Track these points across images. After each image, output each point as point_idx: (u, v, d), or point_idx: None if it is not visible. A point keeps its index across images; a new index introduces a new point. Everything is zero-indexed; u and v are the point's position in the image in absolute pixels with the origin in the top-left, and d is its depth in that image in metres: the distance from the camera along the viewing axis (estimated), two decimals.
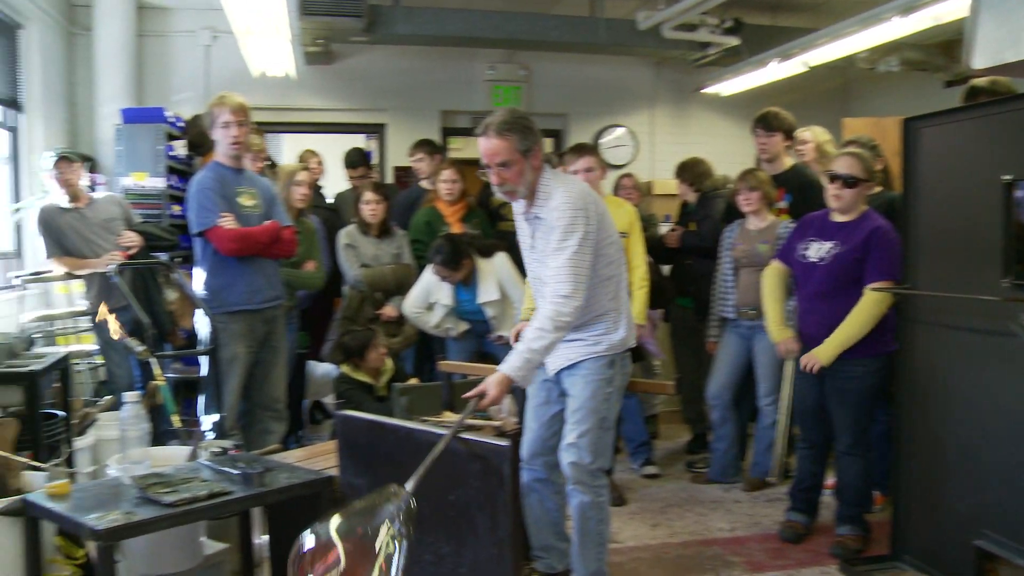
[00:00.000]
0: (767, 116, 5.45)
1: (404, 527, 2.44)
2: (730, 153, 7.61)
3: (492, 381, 3.22)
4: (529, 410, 3.75)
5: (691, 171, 6.08)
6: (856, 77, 8.48)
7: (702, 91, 7.91)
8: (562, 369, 3.59)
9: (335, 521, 2.45)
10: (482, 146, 3.34)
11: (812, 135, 5.71)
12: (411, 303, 5.46)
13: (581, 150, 4.96)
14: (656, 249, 5.91)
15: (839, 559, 4.25)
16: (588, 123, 8.40)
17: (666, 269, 6.19)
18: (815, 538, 4.57)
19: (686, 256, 5.98)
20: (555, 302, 3.31)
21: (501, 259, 5.45)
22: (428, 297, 5.41)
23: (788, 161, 5.51)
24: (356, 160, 6.96)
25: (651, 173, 8.22)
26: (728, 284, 5.32)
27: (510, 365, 3.25)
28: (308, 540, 2.42)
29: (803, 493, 4.65)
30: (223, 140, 4.65)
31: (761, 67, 6.83)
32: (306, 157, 6.65)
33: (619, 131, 8.42)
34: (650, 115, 8.54)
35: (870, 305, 4.16)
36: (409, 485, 2.65)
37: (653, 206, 7.53)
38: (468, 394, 3.24)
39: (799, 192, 5.35)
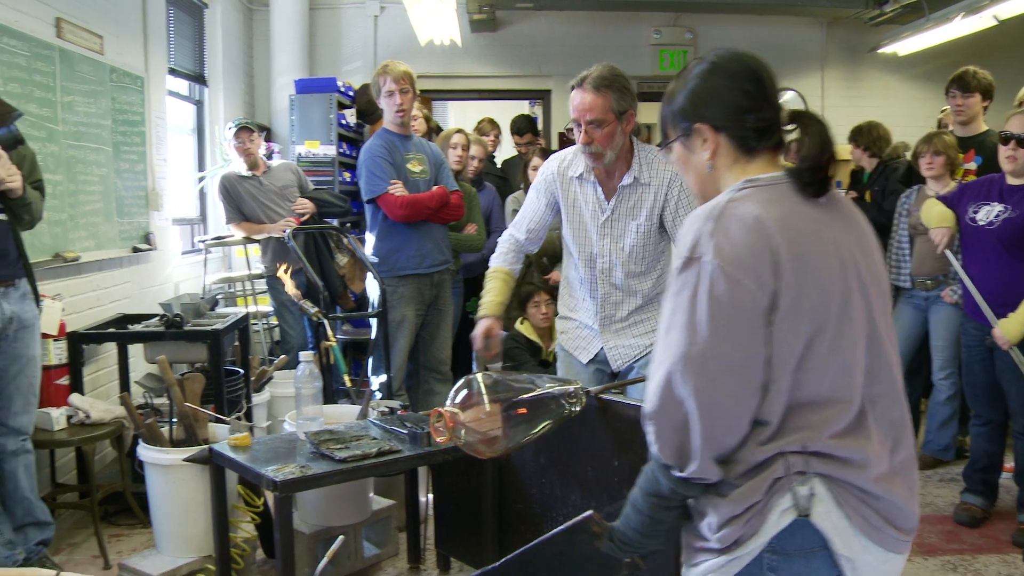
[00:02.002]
0: (965, 75, 5.08)
1: (564, 411, 2.47)
2: (906, 116, 7.27)
3: None
4: None
5: (867, 135, 5.77)
6: None
7: (878, 51, 7.55)
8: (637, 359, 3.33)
9: (507, 378, 2.53)
10: (575, 100, 3.05)
11: None
12: None
13: None
14: None
15: (1022, 548, 4.02)
16: None
17: None
18: (994, 523, 4.32)
19: None
20: None
21: None
22: None
23: (983, 124, 5.17)
24: (523, 127, 6.99)
25: None
26: (903, 252, 5.08)
27: None
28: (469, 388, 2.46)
29: (979, 474, 4.40)
30: (388, 108, 4.75)
31: (945, 23, 6.43)
32: (485, 128, 6.70)
33: (787, 94, 7.99)
34: (820, 77, 8.23)
35: None
36: (593, 389, 2.74)
37: None
38: None
39: (993, 156, 5.02)
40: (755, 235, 1.55)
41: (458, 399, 2.36)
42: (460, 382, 2.40)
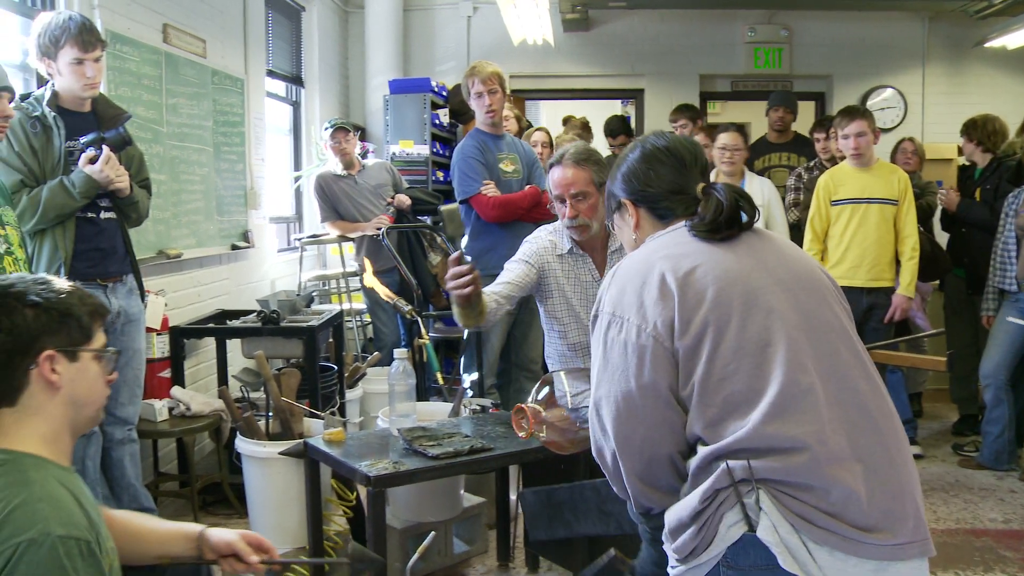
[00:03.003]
0: None
1: None
2: (1014, 113, 6.99)
3: None
4: None
5: (981, 129, 5.48)
6: None
7: (984, 45, 7.29)
8: None
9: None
10: (556, 176, 3.18)
11: None
12: None
13: (853, 113, 4.70)
14: (927, 218, 5.54)
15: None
16: (853, 85, 7.98)
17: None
18: None
19: (962, 224, 5.56)
20: None
21: (768, 183, 5.22)
22: None
23: None
24: (616, 128, 6.94)
25: (921, 137, 7.70)
26: (1008, 254, 4.90)
27: None
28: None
29: None
30: (478, 110, 4.80)
31: None
32: (586, 139, 6.62)
33: (887, 92, 7.95)
34: (921, 73, 7.99)
35: None
36: None
37: (923, 172, 7.06)
38: None
39: None
40: (639, 277, 1.77)
41: (540, 396, 2.40)
42: (543, 379, 2.45)
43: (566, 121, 6.69)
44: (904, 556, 1.60)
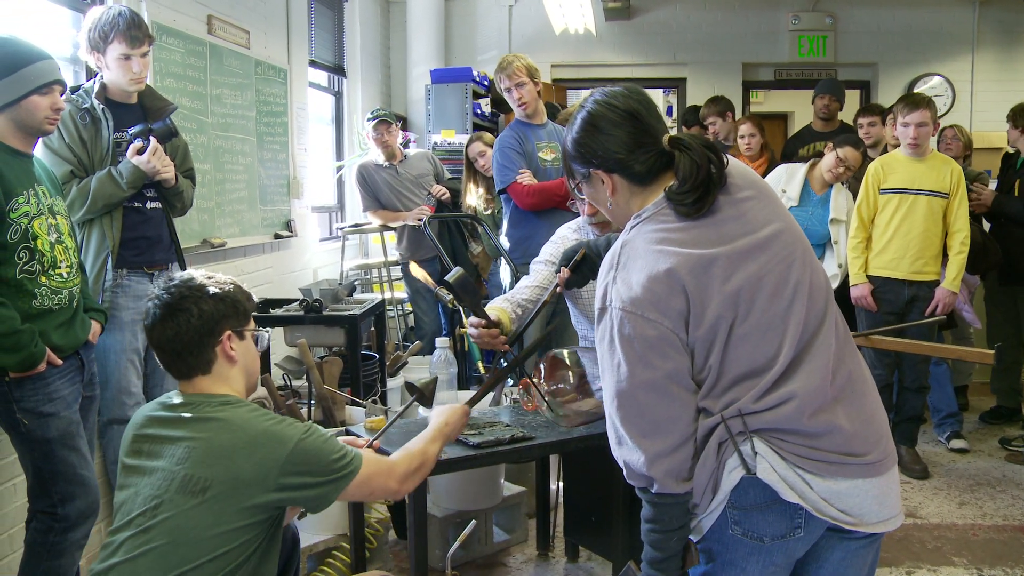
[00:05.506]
0: None
1: None
2: None
3: None
4: None
5: None
6: None
7: None
8: None
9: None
10: None
11: None
12: None
13: (917, 102, 4.61)
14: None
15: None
16: (899, 73, 7.86)
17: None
18: None
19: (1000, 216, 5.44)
20: None
21: (849, 196, 5.13)
22: (779, 185, 5.12)
23: None
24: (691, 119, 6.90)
25: (969, 126, 7.58)
26: None
27: None
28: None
29: None
30: (512, 103, 4.82)
31: None
32: None
33: (934, 80, 7.82)
34: (970, 61, 7.85)
35: None
36: None
37: (972, 162, 6.95)
38: None
39: None
40: (648, 272, 1.75)
41: (545, 371, 2.54)
42: (548, 356, 2.61)
43: None
44: (881, 471, 1.80)
